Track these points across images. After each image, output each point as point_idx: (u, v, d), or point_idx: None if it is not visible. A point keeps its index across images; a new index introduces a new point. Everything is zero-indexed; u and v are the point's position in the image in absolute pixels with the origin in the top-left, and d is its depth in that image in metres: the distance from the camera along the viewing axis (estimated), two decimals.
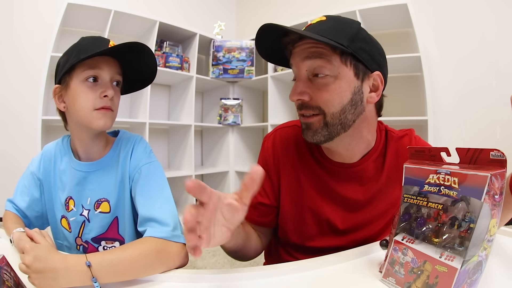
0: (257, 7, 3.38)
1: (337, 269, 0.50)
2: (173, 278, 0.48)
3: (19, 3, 2.10)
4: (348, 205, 0.63)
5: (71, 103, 0.62)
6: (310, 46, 0.53)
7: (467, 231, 0.36)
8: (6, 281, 0.37)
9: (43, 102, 1.82)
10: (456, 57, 2.14)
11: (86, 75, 0.61)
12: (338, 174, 0.63)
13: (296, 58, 0.56)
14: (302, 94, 0.54)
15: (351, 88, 0.53)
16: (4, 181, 2.12)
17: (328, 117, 0.54)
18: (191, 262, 1.67)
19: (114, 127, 0.72)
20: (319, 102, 0.54)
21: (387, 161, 0.63)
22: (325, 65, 0.52)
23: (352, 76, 0.53)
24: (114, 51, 0.62)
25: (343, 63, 0.53)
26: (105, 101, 0.62)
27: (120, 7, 2.10)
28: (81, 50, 0.60)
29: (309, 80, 0.55)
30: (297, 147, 0.66)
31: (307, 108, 0.55)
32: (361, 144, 0.61)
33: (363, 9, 2.07)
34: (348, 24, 0.54)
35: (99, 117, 0.62)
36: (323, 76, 0.53)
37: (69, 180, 0.69)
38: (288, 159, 0.66)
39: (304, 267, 0.50)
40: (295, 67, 0.57)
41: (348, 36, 0.52)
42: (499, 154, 0.37)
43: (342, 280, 0.47)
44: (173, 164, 2.75)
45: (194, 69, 2.54)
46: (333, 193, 0.64)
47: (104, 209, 0.68)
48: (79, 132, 0.67)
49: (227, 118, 2.75)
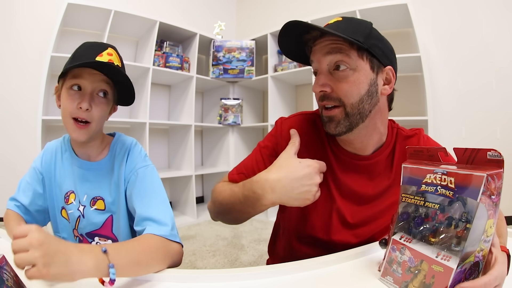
0: (257, 7, 3.38)
1: (337, 269, 0.51)
2: (173, 278, 0.49)
3: (19, 3, 2.11)
4: (357, 198, 0.65)
5: (61, 104, 0.66)
6: (330, 43, 0.58)
7: (463, 231, 0.36)
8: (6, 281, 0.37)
9: (43, 102, 1.82)
10: (456, 57, 2.14)
11: (71, 83, 0.63)
12: (350, 166, 0.66)
13: (317, 54, 0.60)
14: (324, 86, 0.59)
15: (368, 80, 0.58)
16: (4, 181, 2.12)
17: (348, 107, 0.58)
18: (191, 262, 1.67)
19: (114, 127, 0.73)
20: (339, 94, 0.58)
21: (396, 158, 0.66)
22: (344, 59, 0.57)
23: (368, 69, 0.58)
24: (91, 67, 0.63)
25: (360, 57, 0.57)
26: (80, 112, 0.63)
27: (120, 7, 2.10)
28: (75, 57, 0.63)
29: (330, 73, 0.59)
30: (316, 133, 0.69)
31: (328, 99, 0.59)
32: (374, 136, 0.65)
33: (363, 9, 2.07)
34: (362, 24, 0.60)
35: (74, 129, 0.64)
36: (344, 69, 0.57)
37: (70, 174, 0.72)
38: (305, 145, 0.66)
39: (304, 267, 0.50)
40: (316, 62, 0.61)
41: (363, 34, 0.57)
42: (496, 154, 0.37)
43: (342, 280, 0.47)
44: (173, 164, 2.76)
45: (194, 69, 2.54)
46: (343, 185, 0.66)
47: (99, 207, 0.70)
48: None
49: (227, 118, 2.75)
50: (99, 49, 0.64)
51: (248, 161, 0.71)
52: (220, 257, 1.74)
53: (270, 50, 2.62)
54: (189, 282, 0.48)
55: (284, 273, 0.49)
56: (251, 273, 0.48)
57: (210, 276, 0.48)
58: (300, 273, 0.49)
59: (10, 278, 0.38)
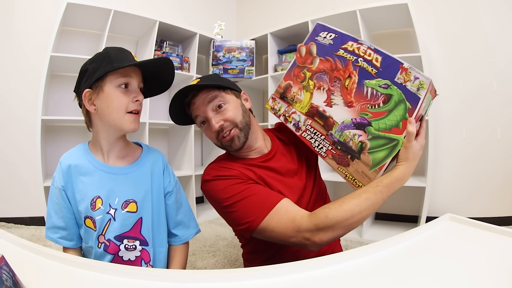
0: (257, 7, 3.38)
1: (337, 269, 0.50)
2: (173, 278, 0.48)
3: (19, 2, 2.10)
4: (289, 172, 0.86)
5: (105, 106, 0.71)
6: (207, 94, 0.80)
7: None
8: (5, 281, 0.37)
9: (42, 102, 1.82)
10: (457, 57, 2.14)
11: (120, 82, 0.71)
12: (268, 164, 0.85)
13: (201, 107, 0.81)
14: (219, 122, 0.80)
15: (238, 104, 0.84)
16: (4, 181, 2.12)
17: (239, 124, 0.81)
18: (190, 262, 1.67)
19: None
20: (230, 119, 0.80)
21: (285, 140, 0.95)
22: (221, 100, 0.81)
23: (234, 98, 0.85)
24: (143, 65, 0.74)
25: (227, 93, 0.83)
26: (136, 105, 0.74)
27: (120, 7, 2.09)
28: (113, 60, 0.69)
29: (215, 113, 0.81)
30: (241, 164, 0.84)
31: (225, 129, 0.80)
32: (260, 136, 0.89)
33: (363, 9, 2.07)
34: (213, 75, 0.93)
35: (131, 121, 0.73)
36: (224, 105, 0.81)
37: (94, 181, 0.74)
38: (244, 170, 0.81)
39: (304, 267, 0.50)
40: (202, 113, 0.81)
41: (217, 79, 0.85)
42: None
43: (343, 279, 0.47)
44: (173, 164, 2.75)
45: (194, 69, 2.54)
46: (276, 169, 0.85)
47: (131, 209, 0.75)
48: (106, 132, 0.75)
49: None
50: (128, 52, 0.75)
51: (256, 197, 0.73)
52: (220, 257, 1.74)
53: (270, 50, 2.62)
54: (189, 282, 0.47)
55: (284, 273, 0.49)
56: (251, 273, 0.48)
57: (210, 276, 0.48)
58: (300, 273, 0.49)
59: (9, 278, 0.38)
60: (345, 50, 0.75)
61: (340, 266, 0.51)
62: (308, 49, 0.82)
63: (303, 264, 0.50)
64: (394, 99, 0.69)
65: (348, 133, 0.73)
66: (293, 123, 0.83)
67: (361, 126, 0.72)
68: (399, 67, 0.70)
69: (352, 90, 0.73)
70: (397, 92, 0.69)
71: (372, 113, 0.71)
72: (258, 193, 0.72)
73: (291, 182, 0.84)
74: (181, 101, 0.84)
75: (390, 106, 0.69)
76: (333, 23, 0.85)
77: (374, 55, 0.71)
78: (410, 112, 0.67)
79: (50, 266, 0.53)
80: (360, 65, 0.73)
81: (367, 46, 0.73)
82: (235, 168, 0.81)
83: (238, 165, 0.83)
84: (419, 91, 0.67)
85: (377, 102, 0.71)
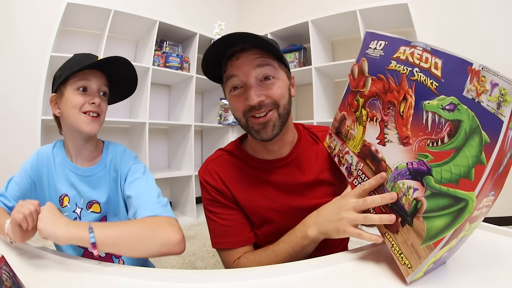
0: (257, 7, 3.38)
1: (337, 269, 0.50)
2: (173, 278, 0.48)
3: (19, 2, 2.10)
4: (297, 189, 0.72)
5: (65, 108, 0.73)
6: (258, 56, 0.63)
7: None
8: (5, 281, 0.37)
9: (42, 101, 1.82)
10: None
11: (78, 85, 0.72)
12: (278, 169, 0.72)
13: (244, 67, 0.63)
14: (260, 96, 0.63)
15: (287, 85, 0.68)
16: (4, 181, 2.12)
17: (281, 108, 0.65)
18: (191, 262, 1.67)
19: (114, 127, 0.79)
20: (274, 98, 0.64)
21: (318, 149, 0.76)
22: (272, 71, 0.64)
23: (285, 77, 0.68)
24: (99, 64, 0.73)
25: (280, 68, 0.67)
26: (93, 106, 0.73)
27: (120, 7, 2.09)
28: (74, 64, 0.72)
29: (258, 84, 0.64)
30: (238, 168, 0.74)
31: (262, 107, 0.64)
32: (289, 134, 0.73)
33: (363, 9, 2.07)
34: (270, 40, 0.65)
35: (87, 122, 0.72)
36: (272, 78, 0.64)
37: (64, 179, 0.77)
38: (239, 180, 0.72)
39: (304, 267, 0.50)
40: (242, 76, 0.63)
41: (277, 47, 0.65)
42: None
43: (342, 279, 0.47)
44: (173, 164, 2.75)
45: (194, 69, 2.54)
46: (283, 184, 0.72)
47: (95, 210, 0.77)
48: (72, 135, 0.76)
49: (227, 118, 2.75)
50: (93, 56, 0.74)
51: (217, 227, 0.73)
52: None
53: None
54: (189, 282, 0.47)
55: (284, 273, 0.49)
56: (251, 273, 0.48)
57: (210, 276, 0.48)
58: (300, 273, 0.49)
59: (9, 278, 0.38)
60: (397, 61, 0.53)
61: (340, 266, 0.51)
62: (360, 68, 0.60)
63: (303, 264, 0.51)
64: (464, 128, 0.41)
65: (402, 185, 0.49)
66: (345, 166, 0.64)
67: (418, 175, 0.46)
68: (467, 70, 0.44)
69: (409, 119, 0.49)
70: (467, 116, 0.41)
71: (433, 153, 0.44)
72: (226, 225, 0.73)
73: (289, 203, 0.71)
74: (223, 49, 0.64)
75: (458, 142, 0.41)
76: (333, 23, 0.84)
77: (432, 58, 0.46)
78: (488, 150, 0.37)
79: (50, 266, 0.53)
80: (416, 78, 0.48)
81: (421, 47, 0.49)
82: (227, 175, 0.72)
83: (235, 168, 0.74)
84: (501, 109, 0.37)
85: (440, 136, 0.44)
